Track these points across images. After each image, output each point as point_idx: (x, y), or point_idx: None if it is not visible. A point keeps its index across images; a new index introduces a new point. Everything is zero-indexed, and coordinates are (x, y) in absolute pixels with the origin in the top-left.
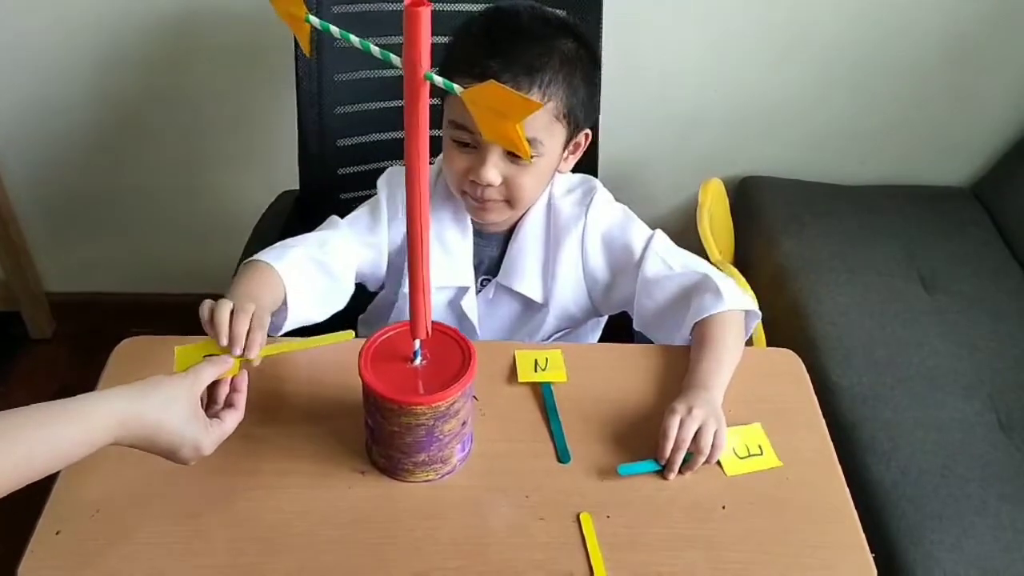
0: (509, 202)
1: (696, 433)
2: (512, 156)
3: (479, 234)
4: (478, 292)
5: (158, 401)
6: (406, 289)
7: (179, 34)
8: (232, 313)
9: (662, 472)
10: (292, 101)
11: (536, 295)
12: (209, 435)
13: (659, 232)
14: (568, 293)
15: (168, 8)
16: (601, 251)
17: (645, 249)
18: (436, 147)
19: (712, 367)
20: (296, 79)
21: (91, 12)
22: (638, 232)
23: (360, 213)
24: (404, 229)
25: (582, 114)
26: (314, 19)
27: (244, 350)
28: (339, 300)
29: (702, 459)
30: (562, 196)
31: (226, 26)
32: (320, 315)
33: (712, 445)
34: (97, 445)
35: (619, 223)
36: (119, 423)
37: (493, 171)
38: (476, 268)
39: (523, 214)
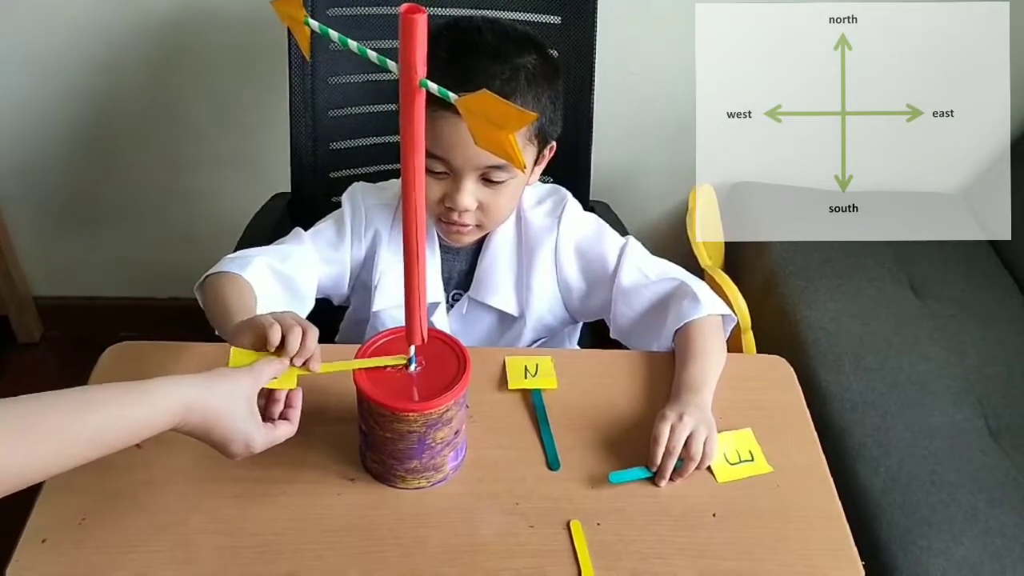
0: (482, 225)
1: (687, 439)
2: (486, 180)
3: (446, 248)
4: (451, 307)
5: (223, 392)
6: (376, 307)
7: (171, 36)
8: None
9: (653, 479)
10: (284, 104)
11: (511, 308)
12: (261, 434)
13: (632, 240)
14: (543, 304)
15: (160, 10)
16: (575, 261)
17: (620, 258)
18: None
19: (699, 372)
20: (289, 81)
21: (81, 13)
22: (611, 241)
23: (324, 227)
24: (367, 247)
25: (549, 129)
26: (313, 23)
27: (309, 362)
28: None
29: (693, 465)
30: (532, 207)
31: (219, 27)
32: None
33: (703, 451)
34: (161, 428)
35: (592, 233)
36: (187, 408)
37: (469, 197)
38: (446, 283)
39: None
